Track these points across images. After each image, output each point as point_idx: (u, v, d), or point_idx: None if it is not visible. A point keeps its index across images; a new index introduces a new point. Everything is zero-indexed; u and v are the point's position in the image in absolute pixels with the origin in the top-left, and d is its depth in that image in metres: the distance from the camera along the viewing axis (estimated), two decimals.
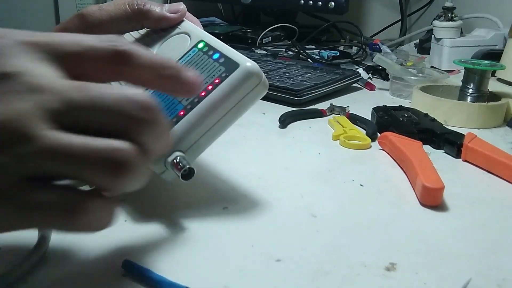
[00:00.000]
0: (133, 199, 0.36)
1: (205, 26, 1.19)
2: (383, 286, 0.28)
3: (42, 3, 1.20)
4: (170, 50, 0.39)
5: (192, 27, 0.40)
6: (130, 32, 0.43)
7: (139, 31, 0.43)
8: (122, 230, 0.32)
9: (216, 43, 0.36)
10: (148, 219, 0.34)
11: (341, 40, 1.16)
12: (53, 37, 0.26)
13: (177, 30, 0.40)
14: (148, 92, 0.26)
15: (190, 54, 0.36)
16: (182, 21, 0.41)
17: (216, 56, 0.35)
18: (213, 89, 0.33)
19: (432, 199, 0.38)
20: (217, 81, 0.33)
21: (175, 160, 0.31)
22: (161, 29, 0.41)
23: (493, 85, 0.65)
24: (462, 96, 0.64)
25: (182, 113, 0.33)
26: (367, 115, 0.60)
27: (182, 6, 0.41)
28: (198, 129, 0.33)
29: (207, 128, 0.33)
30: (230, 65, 0.33)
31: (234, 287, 0.27)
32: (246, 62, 0.33)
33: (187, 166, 0.31)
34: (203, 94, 0.33)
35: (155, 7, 0.40)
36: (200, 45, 0.37)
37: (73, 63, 0.25)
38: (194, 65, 0.35)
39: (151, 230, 0.33)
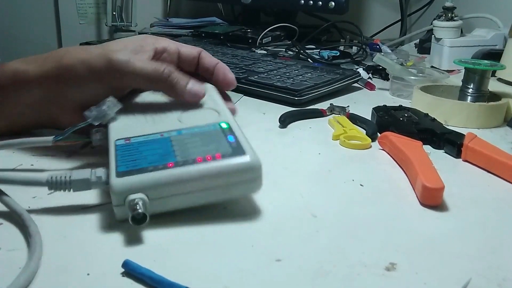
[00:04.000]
0: None
1: (205, 26, 1.19)
2: (383, 286, 0.28)
3: (42, 3, 1.20)
4: (194, 114, 0.40)
5: (224, 108, 0.41)
6: None
7: None
8: (122, 230, 0.32)
9: (237, 130, 0.37)
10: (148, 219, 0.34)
11: (341, 40, 1.16)
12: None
13: (210, 104, 0.42)
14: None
15: (210, 127, 0.37)
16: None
17: (231, 138, 0.35)
18: (210, 160, 0.33)
19: (432, 199, 0.38)
20: (218, 156, 0.33)
21: (135, 201, 0.30)
22: None
23: (493, 85, 0.65)
24: (462, 96, 0.64)
25: (170, 165, 0.32)
26: (367, 115, 0.60)
27: (202, 91, 0.43)
28: (175, 187, 0.32)
29: (184, 191, 0.32)
30: (238, 151, 0.34)
31: (234, 287, 0.27)
32: (252, 155, 0.33)
33: (142, 212, 0.30)
34: (199, 160, 0.33)
35: (181, 80, 0.42)
36: (224, 125, 0.37)
37: None
38: (207, 136, 0.36)
39: (151, 230, 0.33)
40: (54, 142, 0.40)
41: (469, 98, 0.63)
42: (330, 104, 0.64)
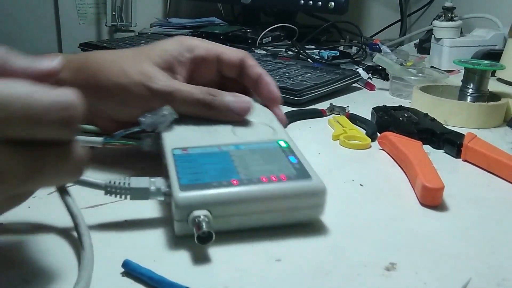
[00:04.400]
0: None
1: (205, 26, 1.19)
2: (383, 286, 0.28)
3: (42, 3, 1.20)
4: (248, 127, 0.39)
5: (278, 123, 0.40)
6: None
7: None
8: (122, 230, 0.32)
9: (297, 150, 0.36)
10: (148, 219, 0.34)
11: (341, 40, 1.16)
12: None
13: (263, 118, 0.41)
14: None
15: (268, 144, 0.36)
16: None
17: (292, 159, 0.34)
18: (275, 181, 0.32)
19: (432, 199, 0.38)
20: (283, 178, 0.32)
21: (200, 218, 0.29)
22: None
23: (493, 85, 0.65)
24: (462, 96, 0.64)
25: (235, 182, 0.31)
26: (367, 115, 0.60)
27: (248, 106, 0.40)
28: (240, 206, 0.31)
29: (247, 212, 0.31)
30: (302, 173, 0.33)
31: (234, 287, 0.27)
32: (317, 179, 0.33)
33: (207, 230, 0.29)
34: (264, 180, 0.32)
35: (223, 102, 0.40)
36: (283, 144, 0.36)
37: None
38: (267, 154, 0.35)
39: (151, 230, 0.33)
40: (104, 144, 0.39)
41: (469, 98, 0.63)
42: (330, 104, 0.64)
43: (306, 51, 0.97)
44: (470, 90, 0.63)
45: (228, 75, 0.45)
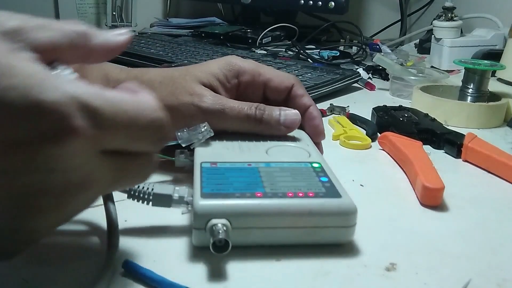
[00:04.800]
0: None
1: (205, 26, 1.19)
2: (383, 286, 0.28)
3: (42, 3, 1.20)
4: (283, 149, 0.39)
5: (315, 149, 0.39)
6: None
7: None
8: (122, 230, 0.32)
9: (330, 172, 0.35)
10: (148, 219, 0.34)
11: (341, 40, 1.16)
12: None
13: (300, 144, 0.40)
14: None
15: (301, 164, 0.35)
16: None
17: (324, 179, 0.33)
18: (302, 197, 0.31)
19: (432, 199, 0.38)
20: (310, 194, 0.31)
21: (218, 226, 0.28)
22: None
23: (493, 85, 0.65)
24: (462, 96, 0.64)
25: (259, 194, 0.30)
26: (367, 115, 0.60)
27: (297, 118, 0.40)
28: (262, 218, 0.30)
29: (269, 225, 0.30)
30: (332, 192, 0.31)
31: (234, 287, 0.27)
32: (347, 198, 0.31)
33: (223, 238, 0.28)
34: (290, 195, 0.31)
35: (274, 118, 0.40)
36: (316, 165, 0.35)
37: None
38: (297, 172, 0.34)
39: (151, 230, 0.33)
40: None
41: (469, 98, 0.63)
42: (330, 104, 0.64)
43: (306, 51, 0.97)
44: (470, 90, 0.63)
45: (274, 98, 0.44)
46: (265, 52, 1.02)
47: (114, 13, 1.20)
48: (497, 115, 0.62)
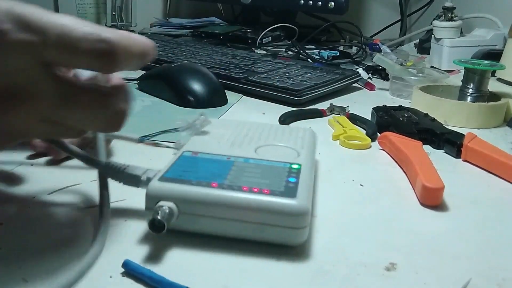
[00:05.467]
0: (133, 199, 0.36)
1: (205, 26, 1.19)
2: (383, 286, 0.28)
3: (42, 3, 1.20)
4: (274, 149, 0.38)
5: (307, 152, 0.38)
6: None
7: None
8: (122, 230, 0.32)
9: (305, 175, 0.34)
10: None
11: (341, 40, 1.16)
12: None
13: (294, 144, 0.39)
14: None
15: (280, 164, 0.35)
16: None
17: (292, 179, 0.33)
18: (255, 192, 0.30)
19: (432, 199, 0.38)
20: (265, 191, 0.31)
21: (162, 207, 0.29)
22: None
23: (493, 85, 0.65)
24: (462, 96, 0.64)
25: (214, 185, 0.31)
26: (367, 115, 0.60)
27: None
28: (207, 207, 0.30)
29: (216, 215, 0.30)
30: (290, 192, 0.31)
31: (234, 287, 0.27)
32: (302, 201, 0.30)
33: (159, 219, 0.28)
34: (244, 189, 0.31)
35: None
36: (295, 166, 0.35)
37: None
38: (270, 171, 0.34)
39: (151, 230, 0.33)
40: (139, 141, 0.41)
41: (469, 98, 0.63)
42: (330, 104, 0.64)
43: (306, 51, 0.97)
44: (470, 90, 0.63)
45: None
46: (265, 52, 1.02)
47: (114, 13, 1.20)
48: (497, 115, 0.62)
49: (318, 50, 0.99)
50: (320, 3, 1.07)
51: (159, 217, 0.29)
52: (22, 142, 0.31)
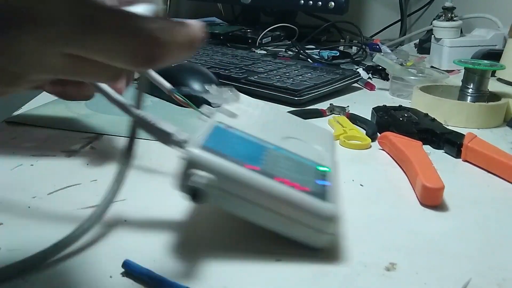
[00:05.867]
0: (133, 199, 0.36)
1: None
2: (383, 286, 0.28)
3: None
4: (300, 143, 0.38)
5: (331, 157, 0.39)
6: None
7: None
8: (122, 230, 0.32)
9: (331, 179, 0.34)
10: (148, 219, 0.34)
11: (341, 40, 1.16)
12: None
13: (319, 146, 0.39)
14: None
15: (308, 162, 0.35)
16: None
17: (321, 182, 0.33)
18: (287, 185, 0.30)
19: (432, 199, 0.38)
20: (297, 186, 0.31)
21: (201, 177, 0.28)
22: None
23: (493, 85, 0.65)
24: (462, 96, 0.64)
25: (249, 166, 0.30)
26: (367, 115, 0.60)
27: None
28: (241, 189, 0.30)
29: (247, 198, 0.30)
30: (320, 194, 0.31)
31: (234, 287, 0.27)
32: (333, 206, 0.31)
33: (204, 190, 0.28)
34: (277, 179, 0.30)
35: None
36: (322, 168, 0.35)
37: None
38: (300, 166, 0.34)
39: (151, 230, 0.33)
40: (169, 92, 0.39)
41: (469, 98, 0.63)
42: (330, 104, 0.64)
43: (306, 51, 0.97)
44: (470, 90, 0.63)
45: None
46: (265, 52, 1.02)
47: None
48: (497, 115, 0.62)
49: (318, 50, 0.99)
50: (320, 3, 1.07)
51: (201, 187, 0.28)
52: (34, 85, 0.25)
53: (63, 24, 0.20)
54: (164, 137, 0.31)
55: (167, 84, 0.40)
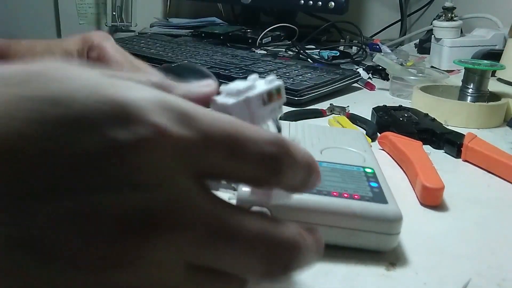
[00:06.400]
0: None
1: (205, 26, 1.19)
2: (383, 286, 0.28)
3: (42, 3, 1.20)
4: (338, 151, 0.38)
5: (372, 156, 0.39)
6: None
7: None
8: None
9: (381, 178, 0.34)
10: None
11: (341, 40, 1.16)
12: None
13: (357, 148, 0.40)
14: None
15: (353, 168, 0.35)
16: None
17: (374, 184, 0.33)
18: (347, 198, 0.30)
19: (432, 199, 0.38)
20: (356, 196, 0.31)
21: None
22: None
23: (493, 85, 0.65)
24: (462, 96, 0.64)
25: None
26: (367, 115, 0.60)
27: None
28: (302, 214, 0.30)
29: (311, 221, 0.30)
30: (379, 197, 0.31)
31: None
32: (394, 206, 0.31)
33: None
34: (335, 194, 0.31)
35: None
36: (368, 170, 0.35)
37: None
38: (348, 174, 0.34)
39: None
40: None
41: (469, 98, 0.63)
42: (330, 104, 0.64)
43: (306, 51, 0.97)
44: (470, 90, 0.63)
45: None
46: (265, 52, 1.02)
47: (114, 13, 1.20)
48: (497, 115, 0.62)
49: (318, 50, 0.99)
50: (320, 3, 1.07)
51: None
52: None
53: (194, 230, 0.17)
54: (214, 184, 0.31)
55: None
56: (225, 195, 0.30)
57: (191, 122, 0.17)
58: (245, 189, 0.29)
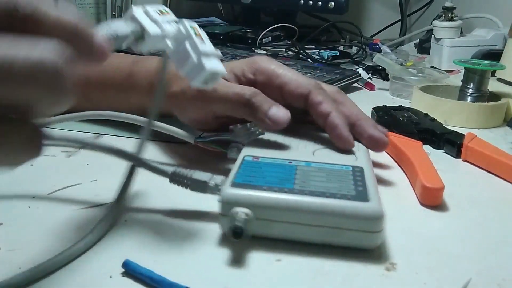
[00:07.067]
0: (133, 199, 0.36)
1: (205, 26, 1.19)
2: (383, 286, 0.28)
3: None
4: (331, 152, 0.39)
5: (364, 155, 0.39)
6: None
7: None
8: (122, 230, 0.32)
9: (369, 176, 0.34)
10: (148, 219, 0.34)
11: (341, 40, 1.16)
12: None
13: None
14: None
15: (341, 167, 0.35)
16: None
17: (359, 183, 0.33)
18: (327, 197, 0.31)
19: (432, 199, 0.38)
20: (338, 195, 0.31)
21: (238, 214, 0.29)
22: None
23: (493, 85, 0.65)
24: (462, 96, 0.64)
25: (286, 190, 0.31)
26: (367, 115, 0.60)
27: (286, 117, 0.38)
28: (283, 214, 0.30)
29: (290, 220, 0.30)
30: (362, 196, 0.31)
31: (234, 287, 0.27)
32: (376, 204, 0.30)
33: (240, 226, 0.29)
34: (316, 193, 0.31)
35: (264, 104, 0.38)
36: (357, 169, 0.35)
37: None
38: (334, 174, 0.34)
39: (151, 230, 0.33)
40: (195, 142, 0.42)
41: (469, 98, 0.63)
42: None
43: (306, 51, 0.97)
44: (470, 90, 0.63)
45: (294, 105, 0.42)
46: (265, 52, 1.02)
47: (114, 13, 1.20)
48: (497, 115, 0.62)
49: (318, 50, 0.99)
50: (320, 3, 1.07)
51: (240, 224, 0.29)
52: None
53: None
54: (201, 187, 0.33)
55: (190, 136, 0.42)
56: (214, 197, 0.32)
57: None
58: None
